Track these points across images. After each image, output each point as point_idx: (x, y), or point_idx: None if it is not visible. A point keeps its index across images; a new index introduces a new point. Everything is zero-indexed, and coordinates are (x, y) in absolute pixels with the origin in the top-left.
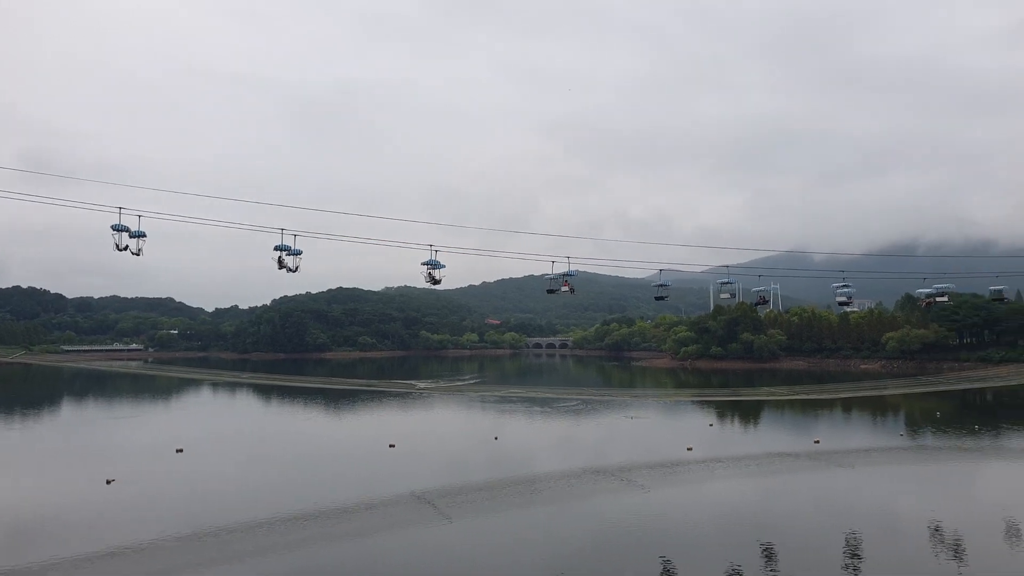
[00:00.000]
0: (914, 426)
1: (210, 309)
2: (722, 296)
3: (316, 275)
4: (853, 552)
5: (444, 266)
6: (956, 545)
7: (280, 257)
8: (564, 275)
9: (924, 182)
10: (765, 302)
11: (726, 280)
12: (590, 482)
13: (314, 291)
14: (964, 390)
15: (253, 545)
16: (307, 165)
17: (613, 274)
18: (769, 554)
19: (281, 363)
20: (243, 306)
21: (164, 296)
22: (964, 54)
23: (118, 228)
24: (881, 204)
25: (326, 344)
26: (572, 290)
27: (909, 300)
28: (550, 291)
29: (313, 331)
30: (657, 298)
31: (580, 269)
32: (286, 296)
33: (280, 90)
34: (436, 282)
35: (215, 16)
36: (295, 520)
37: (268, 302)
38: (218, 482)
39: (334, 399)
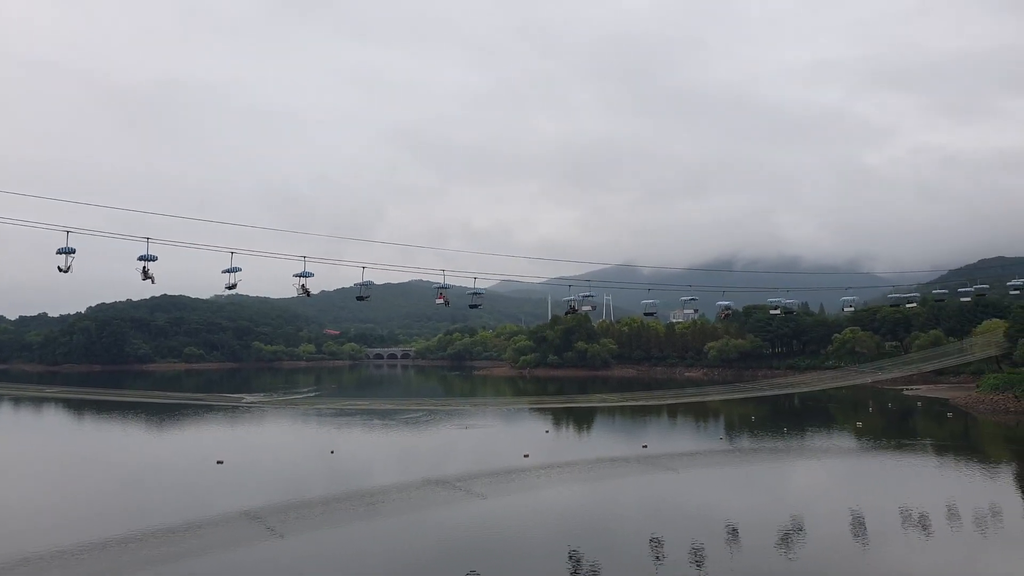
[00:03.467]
0: (732, 430)
1: (12, 317)
2: (584, 308)
3: (138, 281)
4: (677, 551)
5: (313, 275)
6: (765, 540)
7: (145, 268)
8: (440, 287)
9: (741, 202)
10: (574, 311)
11: (588, 294)
12: (429, 493)
13: (135, 298)
14: (775, 396)
15: None
16: (128, 164)
17: (457, 284)
18: (600, 556)
19: (97, 375)
20: (53, 314)
21: None
22: (774, 86)
23: None
24: (703, 222)
25: (149, 355)
26: (447, 302)
27: (731, 312)
28: (359, 298)
29: (134, 341)
30: (359, 298)
31: (425, 279)
32: (103, 303)
33: (98, 82)
34: (309, 294)
35: None
36: (110, 546)
37: (83, 309)
38: (20, 508)
39: (156, 414)
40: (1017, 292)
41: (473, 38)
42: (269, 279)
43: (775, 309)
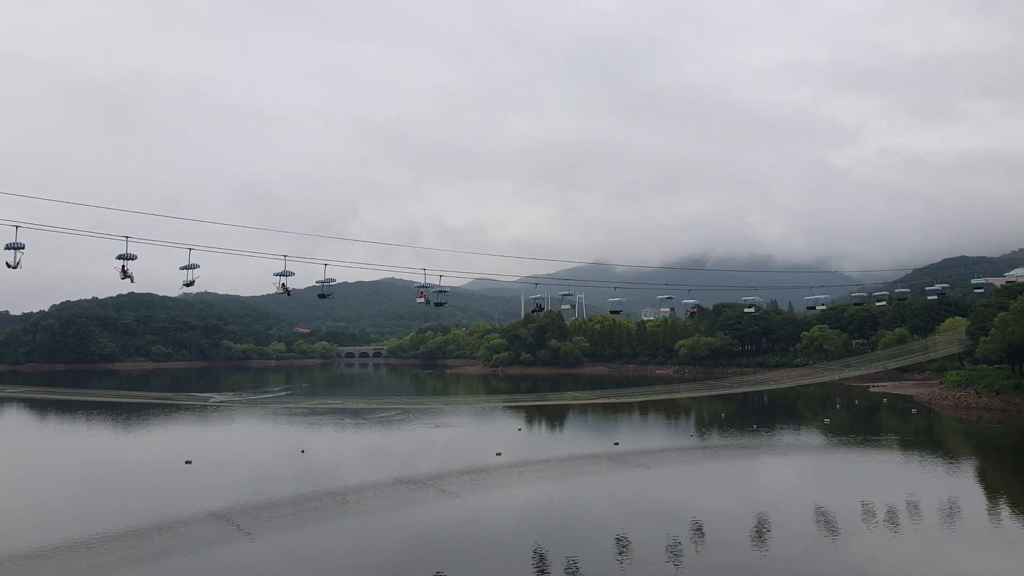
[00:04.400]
0: (703, 427)
1: None
2: (563, 307)
3: (104, 278)
4: (648, 548)
5: (293, 274)
6: (734, 536)
7: (124, 267)
8: (420, 287)
9: (713, 201)
10: (540, 309)
11: (567, 293)
12: (401, 492)
13: (101, 296)
14: (745, 393)
15: None
16: (96, 160)
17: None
18: (571, 553)
19: (62, 375)
20: (14, 312)
21: None
22: (744, 87)
23: None
24: (675, 221)
25: (115, 354)
26: (428, 301)
27: (699, 310)
28: (321, 296)
29: (100, 340)
30: (321, 296)
31: (398, 278)
32: (68, 301)
33: (65, 76)
34: (289, 293)
35: None
36: (76, 549)
37: (46, 307)
38: None
39: (123, 414)
40: (980, 291)
41: (446, 36)
42: (239, 277)
43: (750, 308)
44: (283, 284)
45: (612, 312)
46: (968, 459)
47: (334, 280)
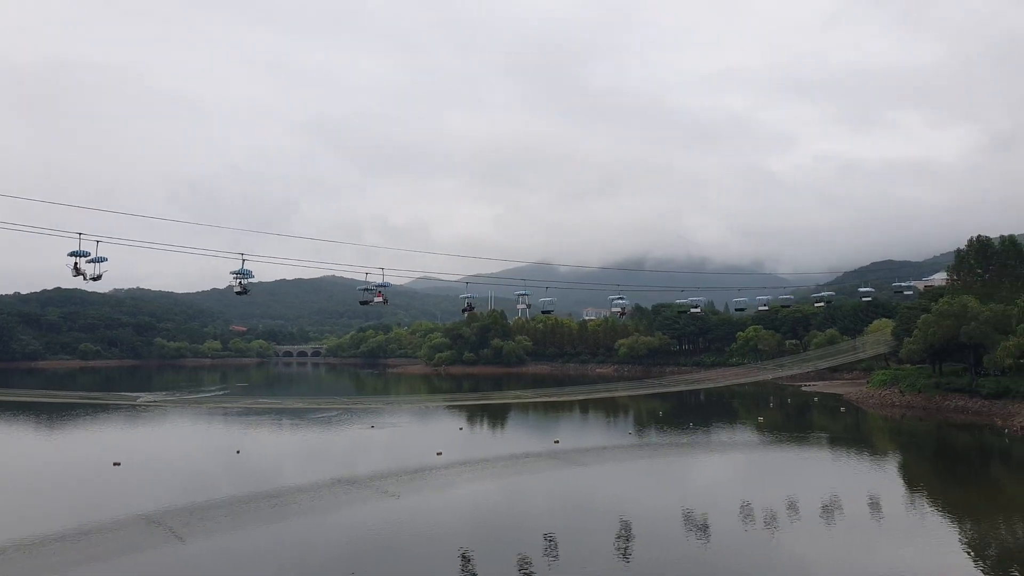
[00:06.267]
0: (641, 425)
1: None
2: (519, 307)
3: (29, 273)
4: (586, 545)
5: (252, 273)
6: (671, 532)
7: (76, 264)
8: (378, 286)
9: (652, 204)
10: (471, 308)
11: (523, 292)
12: (340, 493)
13: (24, 291)
14: (682, 391)
15: None
16: (14, 151)
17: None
18: (510, 550)
19: None
20: None
21: None
22: (684, 92)
23: None
24: (616, 222)
25: (39, 352)
26: (386, 300)
27: (638, 310)
28: (238, 292)
29: (22, 337)
30: (237, 292)
31: (339, 275)
32: None
33: None
34: (247, 292)
35: None
36: None
37: None
38: None
39: (46, 414)
40: (901, 293)
41: (390, 32)
42: (172, 274)
43: (696, 308)
44: (240, 283)
45: (544, 312)
46: (892, 455)
47: (251, 272)
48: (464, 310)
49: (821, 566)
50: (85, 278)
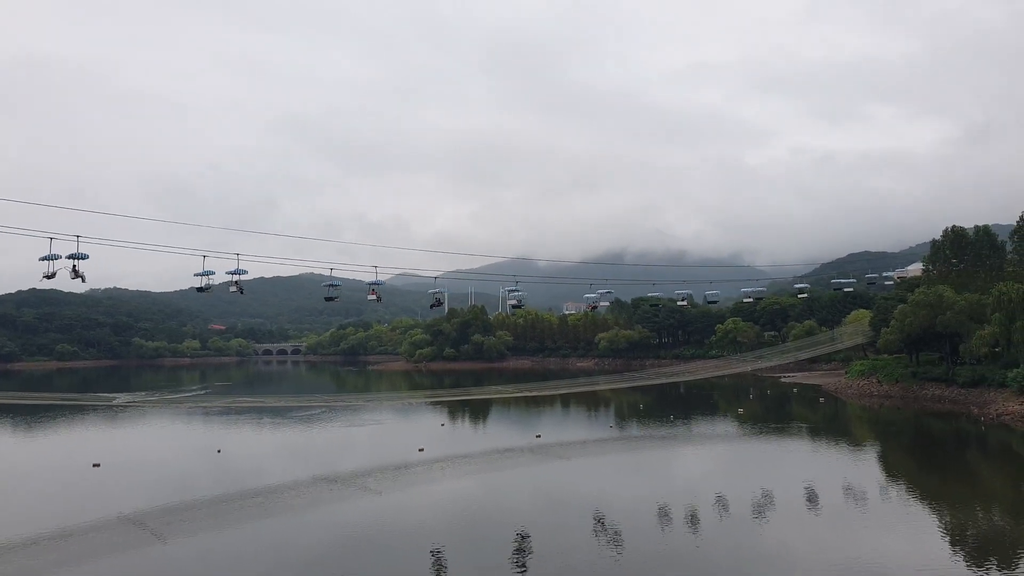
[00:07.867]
0: (622, 418)
1: None
2: (510, 303)
3: (1, 274)
4: (568, 538)
5: (247, 272)
6: (652, 524)
7: (75, 266)
8: (371, 284)
9: (630, 199)
10: (439, 304)
11: (514, 288)
12: (322, 490)
13: None
14: (662, 384)
15: None
16: None
17: (351, 277)
18: (492, 546)
19: None
20: None
21: None
22: (660, 87)
23: None
24: (595, 217)
25: (15, 353)
26: (379, 298)
27: (618, 303)
28: (199, 289)
29: None
30: (199, 289)
31: (318, 273)
32: None
33: None
34: (242, 291)
35: None
36: None
37: None
38: None
39: (23, 416)
40: (874, 284)
41: (366, 28)
42: (149, 273)
43: (683, 302)
44: (236, 283)
45: (513, 307)
46: (871, 444)
47: (213, 272)
48: (432, 305)
49: (802, 555)
50: (84, 280)
